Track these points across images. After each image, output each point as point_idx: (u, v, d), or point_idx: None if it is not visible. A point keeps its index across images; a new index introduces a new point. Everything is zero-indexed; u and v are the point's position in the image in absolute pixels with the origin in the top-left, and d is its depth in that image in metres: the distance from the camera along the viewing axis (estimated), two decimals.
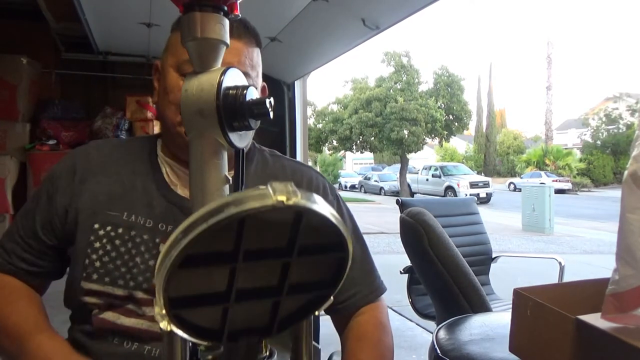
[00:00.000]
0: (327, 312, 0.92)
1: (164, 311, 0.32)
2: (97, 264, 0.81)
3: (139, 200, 0.84)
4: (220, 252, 0.30)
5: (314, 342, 0.42)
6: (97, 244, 0.81)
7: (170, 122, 0.82)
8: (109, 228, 0.82)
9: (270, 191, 0.29)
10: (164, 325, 0.33)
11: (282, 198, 0.29)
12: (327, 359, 1.01)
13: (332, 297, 0.38)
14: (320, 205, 0.31)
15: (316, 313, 0.38)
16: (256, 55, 0.84)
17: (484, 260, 2.89)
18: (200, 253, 0.30)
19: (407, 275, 2.63)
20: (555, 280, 2.60)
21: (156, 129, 2.81)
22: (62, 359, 0.74)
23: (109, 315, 0.81)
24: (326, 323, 0.99)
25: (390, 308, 4.68)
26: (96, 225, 0.82)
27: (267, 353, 0.40)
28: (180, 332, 0.34)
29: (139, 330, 0.80)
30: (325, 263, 0.35)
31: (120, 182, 0.85)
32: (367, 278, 0.93)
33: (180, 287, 0.31)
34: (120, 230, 0.82)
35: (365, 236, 0.98)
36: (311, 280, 0.35)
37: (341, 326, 0.92)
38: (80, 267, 0.81)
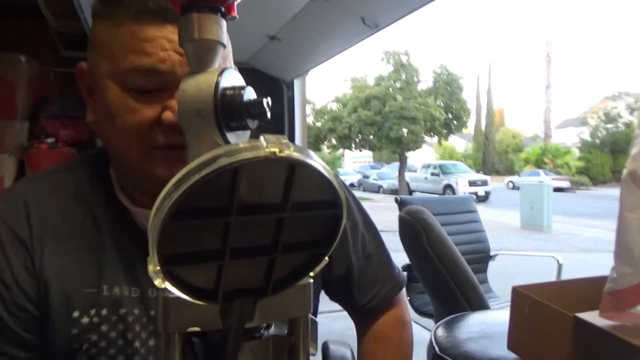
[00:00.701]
0: (350, 313, 0.90)
1: (157, 267, 0.32)
2: (84, 359, 0.61)
3: (116, 264, 0.62)
4: (213, 207, 0.30)
5: (311, 316, 0.42)
6: (83, 336, 0.61)
7: (123, 155, 0.60)
8: (92, 312, 0.61)
9: (263, 143, 0.29)
10: (158, 282, 0.33)
11: (275, 149, 0.29)
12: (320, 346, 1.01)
13: (327, 258, 0.37)
14: (314, 159, 0.31)
15: (311, 274, 0.38)
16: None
17: (482, 258, 2.90)
18: (193, 207, 0.30)
19: (405, 273, 2.63)
20: (553, 278, 2.60)
21: None
22: None
23: None
24: (324, 321, 0.99)
25: None
26: (75, 314, 0.60)
27: (264, 324, 0.40)
28: (174, 290, 0.34)
29: None
30: (319, 221, 0.35)
31: (85, 244, 0.62)
32: (387, 271, 0.89)
33: (173, 243, 0.31)
34: (104, 312, 0.61)
35: None
36: (306, 239, 0.35)
37: (362, 326, 0.89)
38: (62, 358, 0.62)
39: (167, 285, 0.33)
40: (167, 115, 0.56)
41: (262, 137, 0.30)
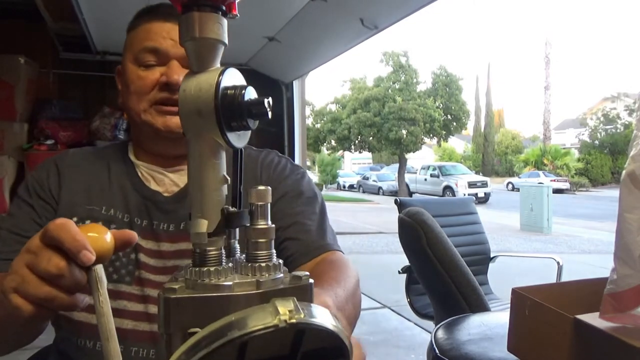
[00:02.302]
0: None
1: None
2: None
3: (116, 195, 0.86)
4: None
5: None
6: None
7: (134, 111, 0.84)
8: (88, 222, 0.80)
9: (273, 309, 0.30)
10: None
11: (285, 317, 0.29)
12: None
13: None
14: (322, 319, 0.31)
15: None
16: None
17: (482, 260, 2.89)
18: None
19: (405, 275, 2.63)
20: (553, 280, 2.60)
21: None
22: None
23: (87, 317, 0.77)
24: None
25: (389, 308, 4.68)
26: (75, 219, 0.81)
27: None
28: None
29: (124, 330, 0.77)
30: None
31: (97, 178, 0.87)
32: (320, 233, 0.86)
33: None
34: (100, 224, 0.80)
35: (363, 236, 0.97)
36: None
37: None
38: None
39: None
40: (162, 78, 0.83)
41: (272, 303, 0.30)
